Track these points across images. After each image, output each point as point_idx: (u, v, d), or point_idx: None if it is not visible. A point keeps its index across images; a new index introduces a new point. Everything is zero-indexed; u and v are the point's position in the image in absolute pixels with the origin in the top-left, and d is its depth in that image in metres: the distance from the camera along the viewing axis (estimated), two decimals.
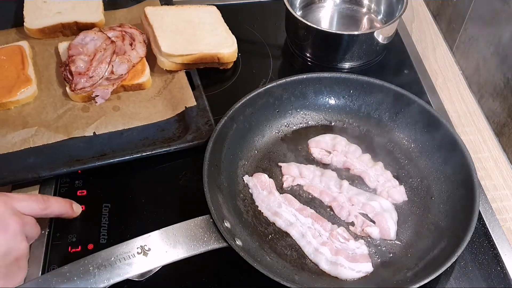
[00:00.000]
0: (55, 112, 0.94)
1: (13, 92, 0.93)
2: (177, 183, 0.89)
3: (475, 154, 0.93)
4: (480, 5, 1.01)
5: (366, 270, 0.75)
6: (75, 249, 0.79)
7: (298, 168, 0.88)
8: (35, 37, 1.05)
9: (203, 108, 0.95)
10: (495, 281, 0.76)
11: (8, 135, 0.89)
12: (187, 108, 0.95)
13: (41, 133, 0.90)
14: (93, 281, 0.64)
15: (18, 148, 0.87)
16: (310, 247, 0.78)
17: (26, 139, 0.89)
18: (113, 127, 0.92)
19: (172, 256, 0.69)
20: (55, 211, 0.76)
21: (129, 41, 1.00)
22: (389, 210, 0.82)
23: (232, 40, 1.04)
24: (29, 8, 1.06)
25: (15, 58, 0.98)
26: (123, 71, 0.97)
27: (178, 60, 0.99)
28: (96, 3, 1.10)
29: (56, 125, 0.92)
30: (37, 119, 0.93)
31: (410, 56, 1.12)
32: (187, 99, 0.96)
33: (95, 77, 0.94)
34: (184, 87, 0.99)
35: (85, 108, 0.95)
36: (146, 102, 0.97)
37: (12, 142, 0.88)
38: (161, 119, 0.94)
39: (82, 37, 0.99)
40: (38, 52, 1.04)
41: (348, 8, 1.19)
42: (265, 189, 0.85)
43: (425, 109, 0.88)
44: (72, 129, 0.91)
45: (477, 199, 0.76)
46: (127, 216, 0.84)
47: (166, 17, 1.05)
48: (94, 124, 0.92)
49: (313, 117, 0.96)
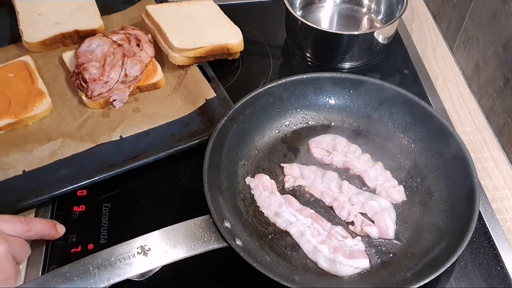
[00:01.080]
0: (75, 121, 0.93)
1: (29, 108, 0.92)
2: (177, 183, 0.89)
3: (475, 154, 0.93)
4: (480, 5, 1.01)
5: (363, 266, 0.76)
6: (75, 249, 0.79)
7: (300, 169, 0.88)
8: (36, 51, 1.04)
9: (223, 98, 0.96)
10: (495, 281, 0.76)
11: (35, 150, 0.87)
12: (208, 100, 0.96)
13: (67, 144, 0.89)
14: (93, 281, 0.64)
15: (48, 162, 0.86)
16: (309, 245, 0.78)
17: (54, 151, 0.87)
18: (138, 129, 0.92)
19: (172, 256, 0.69)
20: (38, 232, 0.74)
21: (135, 43, 1.00)
22: (387, 210, 0.82)
23: (237, 30, 1.06)
24: (25, 22, 1.04)
25: (22, 74, 0.96)
26: (137, 72, 0.97)
27: (191, 54, 1.00)
28: (93, 10, 1.09)
29: (80, 134, 0.91)
30: (59, 131, 0.91)
31: (410, 56, 1.12)
32: (205, 91, 0.97)
33: (111, 82, 0.94)
34: (200, 81, 1.00)
35: (105, 114, 0.95)
36: (164, 100, 0.98)
37: (40, 157, 0.86)
38: (183, 114, 0.95)
39: (88, 44, 0.98)
40: (42, 65, 1.02)
41: (348, 8, 1.19)
42: (266, 190, 0.85)
43: (425, 109, 0.88)
44: (97, 135, 0.91)
45: (477, 199, 0.76)
46: (127, 216, 0.84)
47: (168, 14, 1.06)
48: (119, 128, 0.92)
49: (313, 117, 0.96)
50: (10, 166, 0.85)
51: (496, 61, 0.96)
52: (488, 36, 0.99)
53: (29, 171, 0.85)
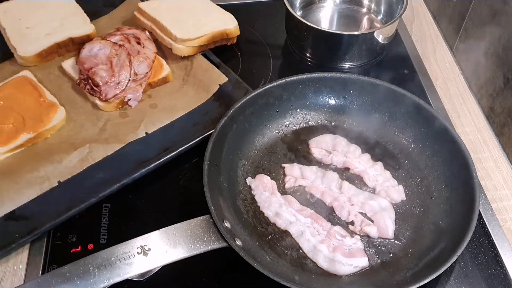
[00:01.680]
0: (95, 126, 0.93)
1: (45, 120, 0.91)
2: (177, 183, 0.89)
3: (475, 154, 0.93)
4: (480, 5, 1.01)
5: (362, 265, 0.76)
6: (75, 249, 0.79)
7: (301, 169, 0.88)
8: (32, 64, 1.02)
9: (236, 80, 0.99)
10: (495, 281, 0.76)
11: (64, 160, 0.86)
12: (221, 86, 0.98)
13: (95, 148, 0.88)
14: (93, 281, 0.64)
15: (81, 169, 0.86)
16: (309, 244, 0.78)
17: (83, 158, 0.87)
18: (160, 123, 0.93)
19: (172, 256, 0.69)
20: None
21: (135, 41, 1.01)
22: (387, 209, 0.82)
23: (230, 16, 1.09)
24: (16, 37, 1.02)
25: (26, 89, 0.95)
26: (145, 69, 0.98)
27: (195, 43, 1.02)
28: (81, 16, 1.08)
29: (104, 137, 0.91)
30: (82, 138, 0.91)
31: (410, 56, 1.12)
32: (216, 77, 0.99)
33: (122, 82, 0.95)
34: (208, 68, 1.02)
35: (122, 115, 0.95)
36: (177, 93, 0.99)
37: (71, 166, 0.86)
38: (199, 103, 0.97)
39: (89, 49, 0.98)
40: (42, 77, 1.00)
41: (348, 8, 1.19)
42: (267, 191, 0.85)
43: (425, 109, 0.88)
44: (122, 136, 0.91)
45: (477, 199, 0.76)
46: (127, 216, 0.84)
47: (162, 8, 1.07)
48: (142, 125, 0.92)
49: (313, 117, 0.96)
50: (43, 179, 0.84)
51: (496, 61, 0.96)
52: (488, 36, 0.99)
53: (64, 181, 0.84)
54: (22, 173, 0.85)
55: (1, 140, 0.87)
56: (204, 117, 0.95)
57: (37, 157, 0.88)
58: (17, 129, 0.89)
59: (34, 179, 0.84)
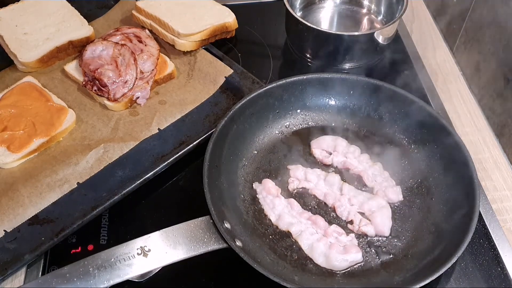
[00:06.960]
0: (107, 126, 0.93)
1: (56, 124, 0.90)
2: (177, 184, 0.89)
3: (476, 155, 0.93)
4: (480, 5, 1.01)
5: (356, 259, 0.77)
6: (75, 250, 0.79)
7: (304, 171, 0.88)
8: (33, 70, 1.02)
9: (241, 71, 1.01)
10: (495, 282, 0.76)
11: (81, 161, 0.87)
12: (227, 77, 1.00)
13: (111, 148, 0.89)
14: (93, 282, 0.65)
15: (98, 169, 0.86)
16: (307, 242, 0.79)
17: (100, 158, 0.87)
18: (172, 118, 0.94)
19: (172, 257, 0.69)
20: None
21: (136, 40, 1.01)
22: (383, 208, 0.83)
23: (227, 10, 1.11)
24: (15, 44, 1.01)
25: (33, 94, 0.94)
26: (151, 67, 0.98)
27: (197, 37, 1.04)
28: (78, 19, 1.08)
29: (118, 136, 0.91)
30: (95, 139, 0.91)
31: (410, 57, 1.12)
32: (222, 70, 1.00)
33: (130, 81, 0.95)
34: (212, 61, 1.03)
35: (133, 113, 0.96)
36: (183, 87, 1.00)
37: (88, 166, 0.86)
38: (208, 96, 0.98)
39: (92, 51, 0.98)
40: (46, 82, 1.00)
41: (348, 9, 1.19)
42: (271, 194, 0.85)
43: (425, 110, 0.88)
44: (136, 133, 0.91)
45: (477, 200, 0.75)
46: (127, 216, 0.84)
47: (161, 5, 1.08)
48: (154, 122, 0.93)
49: (313, 118, 0.96)
50: (63, 181, 0.84)
51: (496, 61, 0.96)
52: (488, 37, 0.99)
53: (84, 182, 0.85)
54: (41, 177, 0.85)
55: (14, 147, 0.87)
56: (214, 109, 0.97)
57: (54, 161, 0.88)
58: (29, 134, 0.89)
59: (53, 182, 0.84)
